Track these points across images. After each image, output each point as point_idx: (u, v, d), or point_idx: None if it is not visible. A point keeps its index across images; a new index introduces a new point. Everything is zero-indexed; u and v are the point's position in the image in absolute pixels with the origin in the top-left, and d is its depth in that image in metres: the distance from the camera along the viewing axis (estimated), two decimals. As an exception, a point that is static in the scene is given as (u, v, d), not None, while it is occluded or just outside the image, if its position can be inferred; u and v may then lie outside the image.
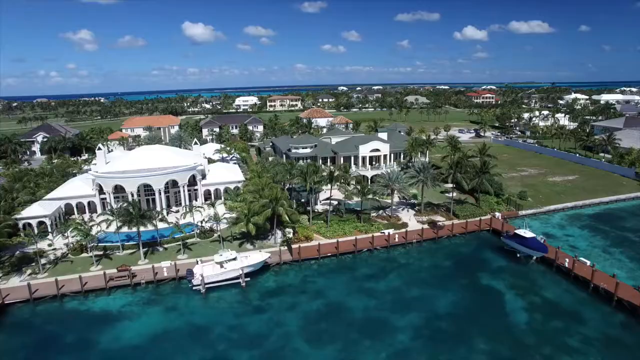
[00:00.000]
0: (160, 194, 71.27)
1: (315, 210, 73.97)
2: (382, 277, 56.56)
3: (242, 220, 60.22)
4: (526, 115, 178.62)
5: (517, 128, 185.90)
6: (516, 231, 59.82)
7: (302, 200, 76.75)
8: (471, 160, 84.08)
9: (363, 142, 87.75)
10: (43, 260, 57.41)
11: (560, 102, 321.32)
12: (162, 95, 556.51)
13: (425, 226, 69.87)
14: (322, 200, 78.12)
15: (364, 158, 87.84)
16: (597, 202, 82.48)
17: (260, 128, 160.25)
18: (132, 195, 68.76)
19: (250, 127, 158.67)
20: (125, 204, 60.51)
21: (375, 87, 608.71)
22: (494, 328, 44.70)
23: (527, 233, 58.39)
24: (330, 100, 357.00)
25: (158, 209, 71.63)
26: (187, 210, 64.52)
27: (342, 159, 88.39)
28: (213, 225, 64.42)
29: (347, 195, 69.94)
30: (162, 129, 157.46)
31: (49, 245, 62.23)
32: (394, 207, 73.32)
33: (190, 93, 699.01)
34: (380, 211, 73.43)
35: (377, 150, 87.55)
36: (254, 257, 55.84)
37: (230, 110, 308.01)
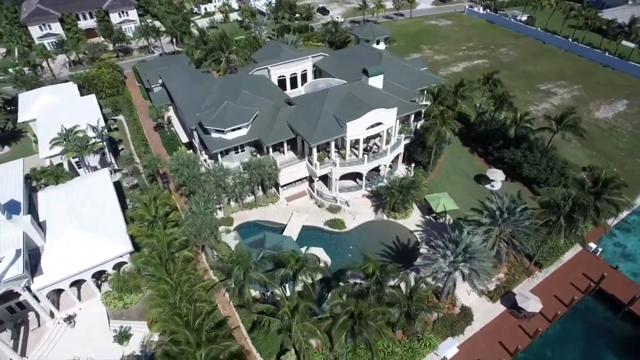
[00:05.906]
0: None
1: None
2: None
3: None
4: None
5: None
6: None
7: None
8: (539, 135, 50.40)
9: (353, 114, 45.81)
10: None
11: None
12: None
13: (499, 305, 39.33)
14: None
15: (354, 141, 48.16)
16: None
17: (133, 15, 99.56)
18: None
19: (115, 16, 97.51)
20: None
21: None
22: None
23: None
24: None
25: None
26: None
27: (313, 147, 47.15)
28: None
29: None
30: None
31: None
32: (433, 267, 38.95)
33: None
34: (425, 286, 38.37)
35: (379, 124, 47.57)
36: None
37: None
